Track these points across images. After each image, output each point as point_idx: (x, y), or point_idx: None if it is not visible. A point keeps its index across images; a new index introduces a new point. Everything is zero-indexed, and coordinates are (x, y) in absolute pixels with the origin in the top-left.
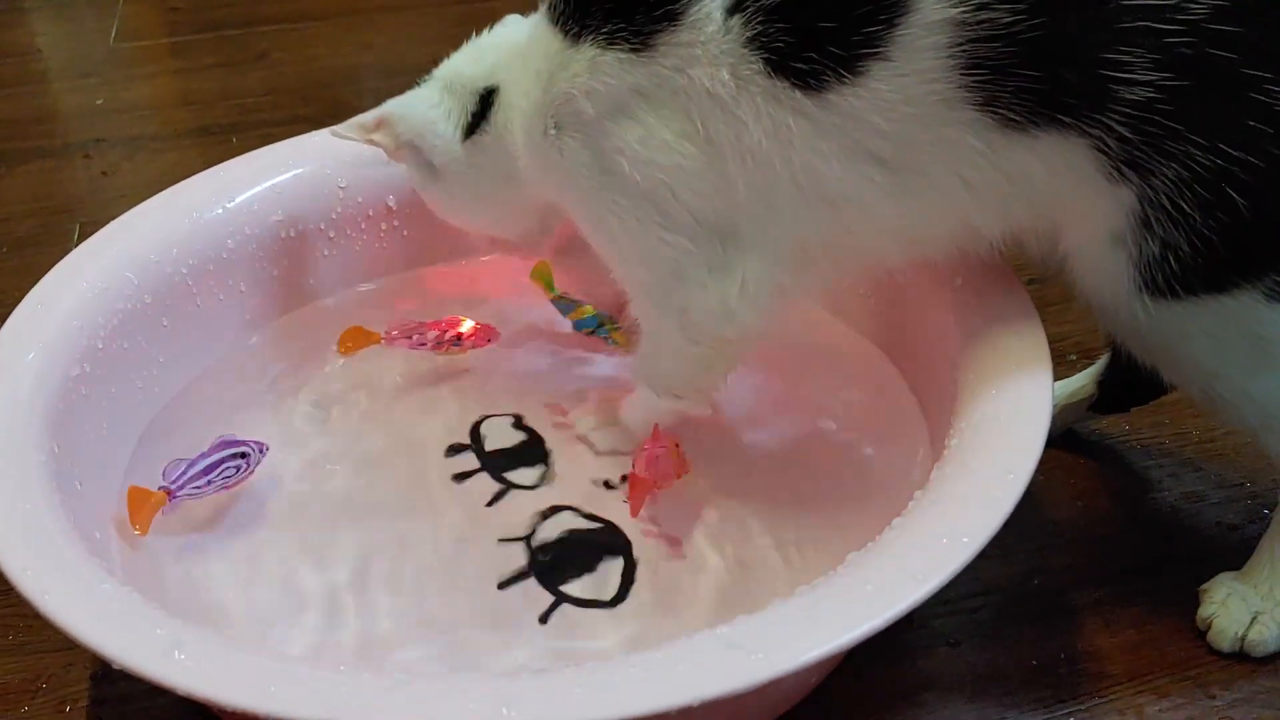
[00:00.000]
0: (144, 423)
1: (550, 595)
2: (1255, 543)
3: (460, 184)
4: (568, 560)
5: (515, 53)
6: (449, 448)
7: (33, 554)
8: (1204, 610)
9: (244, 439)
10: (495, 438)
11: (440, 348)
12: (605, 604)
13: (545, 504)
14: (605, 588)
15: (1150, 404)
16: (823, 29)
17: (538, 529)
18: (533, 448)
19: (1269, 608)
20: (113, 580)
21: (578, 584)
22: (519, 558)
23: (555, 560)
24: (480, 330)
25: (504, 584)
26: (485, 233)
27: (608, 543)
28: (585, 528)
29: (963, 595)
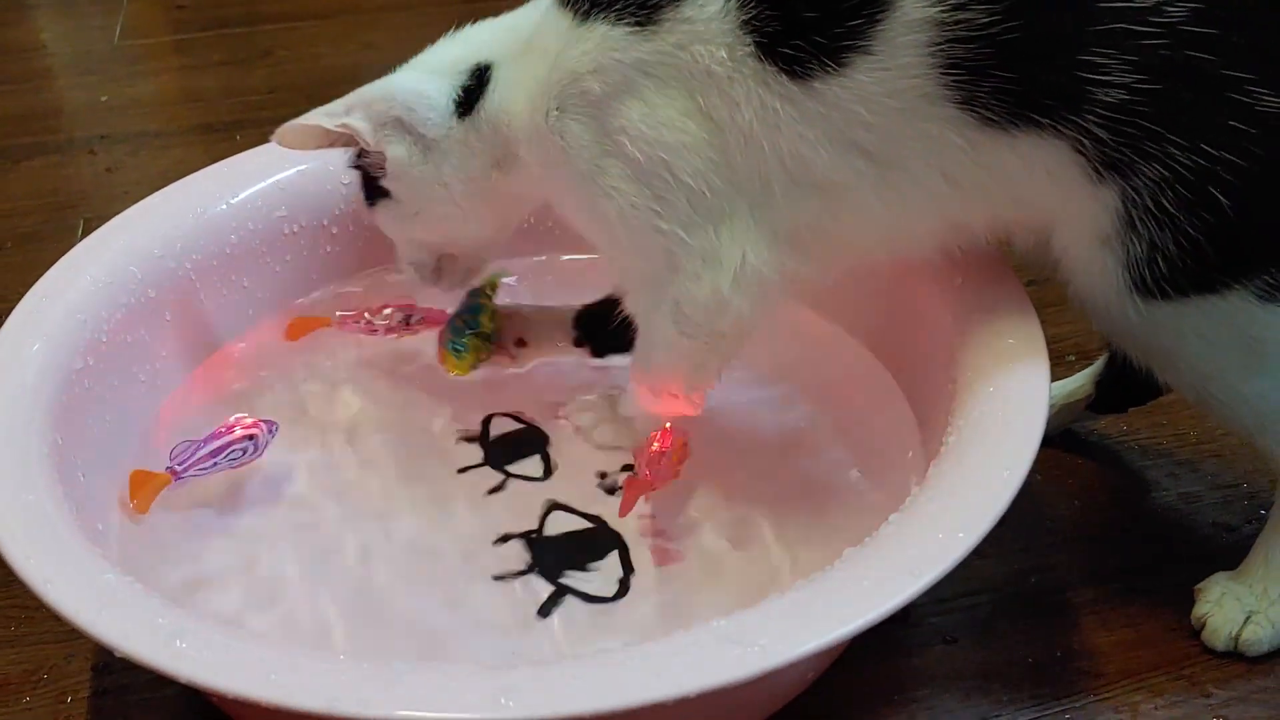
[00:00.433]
0: (147, 415)
1: (550, 586)
2: (1251, 543)
3: (447, 165)
4: (566, 557)
5: (511, 34)
6: (458, 438)
7: (36, 543)
8: (1198, 609)
9: (253, 420)
10: (497, 430)
11: (391, 332)
12: (604, 599)
13: (544, 499)
14: (604, 584)
15: (1148, 405)
16: (808, 18)
17: (537, 525)
18: (533, 440)
19: (1263, 607)
20: (115, 570)
21: (577, 580)
22: (518, 552)
23: (555, 557)
24: (430, 314)
25: (502, 578)
26: (435, 236)
27: (605, 540)
28: (583, 527)
29: (960, 593)
